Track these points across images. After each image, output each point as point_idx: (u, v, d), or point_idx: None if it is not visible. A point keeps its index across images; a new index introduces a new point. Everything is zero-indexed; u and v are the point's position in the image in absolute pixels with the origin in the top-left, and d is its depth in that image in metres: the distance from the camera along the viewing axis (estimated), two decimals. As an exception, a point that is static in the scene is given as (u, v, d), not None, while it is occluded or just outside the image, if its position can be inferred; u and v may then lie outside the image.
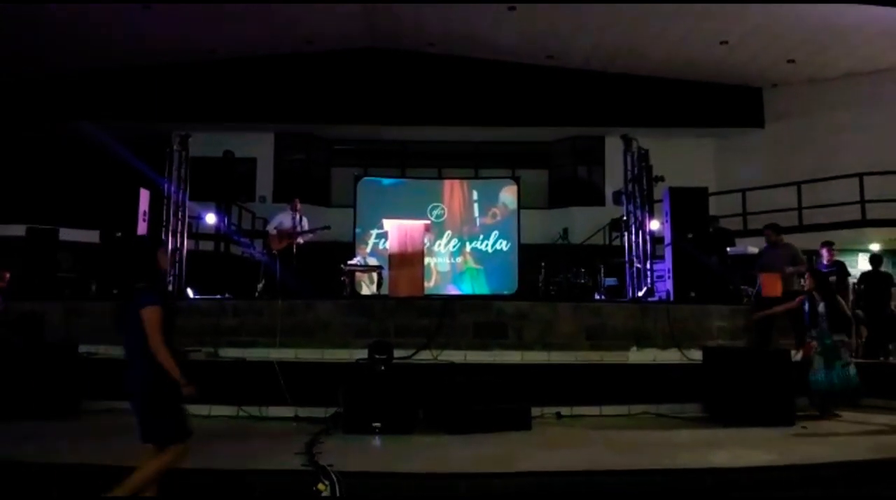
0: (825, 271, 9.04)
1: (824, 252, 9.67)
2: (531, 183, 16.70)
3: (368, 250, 13.97)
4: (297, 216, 10.38)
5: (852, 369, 6.99)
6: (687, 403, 7.39)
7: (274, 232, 10.38)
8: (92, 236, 11.46)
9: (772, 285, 8.40)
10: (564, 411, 7.18)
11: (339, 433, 6.23)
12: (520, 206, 14.77)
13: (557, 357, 7.77)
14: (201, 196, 11.44)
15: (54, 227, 10.96)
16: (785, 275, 8.40)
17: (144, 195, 9.85)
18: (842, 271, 9.99)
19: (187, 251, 10.36)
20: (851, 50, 13.88)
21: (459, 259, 14.50)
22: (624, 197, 10.81)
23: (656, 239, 10.50)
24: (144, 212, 9.79)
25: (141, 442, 3.93)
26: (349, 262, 11.14)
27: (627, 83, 16.23)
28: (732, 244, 10.77)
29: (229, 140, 14.09)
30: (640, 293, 9.89)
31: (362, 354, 6.99)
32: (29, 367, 6.82)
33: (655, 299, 9.71)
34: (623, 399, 7.35)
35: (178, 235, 10.12)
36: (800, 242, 13.42)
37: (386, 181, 15.35)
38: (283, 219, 10.45)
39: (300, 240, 10.30)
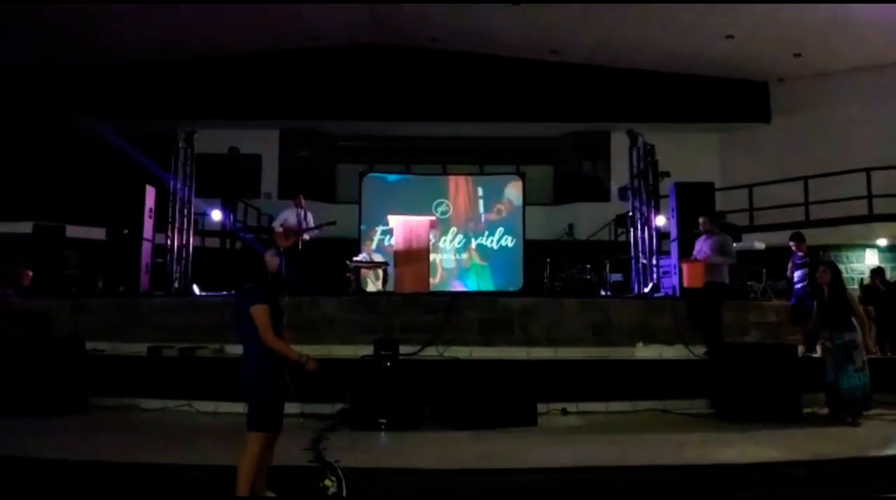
0: (799, 262, 8.69)
1: (793, 245, 8.95)
2: (536, 179, 16.66)
3: (374, 246, 13.96)
4: (303, 213, 10.39)
5: (865, 376, 6.69)
6: (693, 399, 7.38)
7: (280, 229, 10.39)
8: (98, 234, 11.53)
9: (693, 274, 8.10)
10: (570, 407, 7.17)
11: (346, 430, 6.24)
12: (525, 202, 14.73)
13: (563, 353, 7.76)
14: (207, 193, 11.46)
15: (61, 224, 11.01)
16: (708, 264, 8.02)
17: (150, 192, 9.88)
18: (815, 263, 9.57)
19: (193, 248, 10.39)
20: (858, 44, 13.77)
21: (465, 255, 14.48)
22: (629, 192, 10.78)
23: (662, 235, 10.48)
24: (150, 209, 9.83)
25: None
26: (354, 258, 11.14)
27: (632, 78, 16.15)
28: (739, 240, 10.72)
29: (234, 137, 14.07)
30: (646, 289, 9.88)
31: (368, 350, 7.00)
32: (35, 363, 6.85)
33: (661, 295, 9.69)
34: (629, 395, 7.33)
35: (184, 232, 10.16)
36: (808, 237, 13.45)
37: (391, 178, 15.33)
38: (289, 216, 10.46)
39: (306, 236, 10.31)
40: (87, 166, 15.00)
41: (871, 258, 14.10)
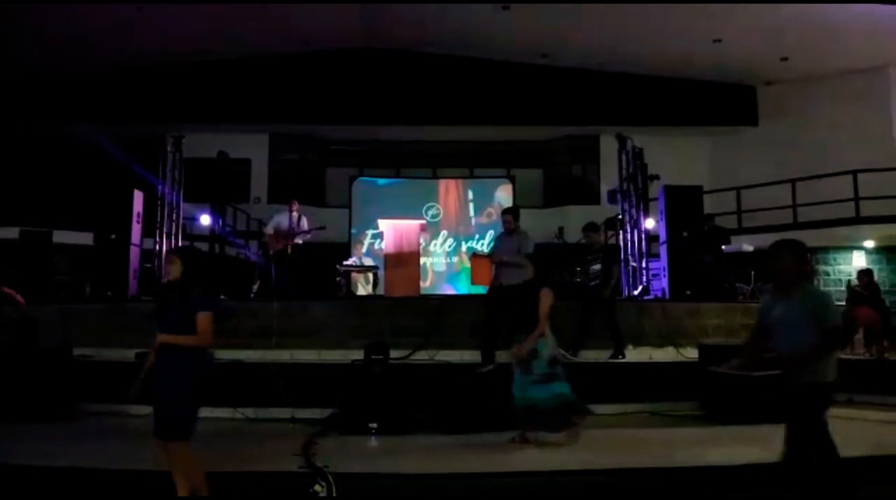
0: (591, 257, 8.34)
1: (585, 237, 8.41)
2: (526, 182, 16.70)
3: (364, 250, 13.91)
4: (296, 217, 10.36)
5: (557, 387, 5.77)
6: (683, 401, 7.39)
7: (272, 233, 10.35)
8: (86, 239, 11.43)
9: (480, 271, 7.74)
10: (561, 410, 7.17)
11: (336, 435, 6.21)
12: (515, 205, 14.75)
13: (554, 356, 7.75)
14: (196, 197, 11.42)
15: (48, 229, 10.91)
16: (498, 261, 7.30)
17: (138, 197, 9.82)
18: (612, 256, 8.64)
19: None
20: (845, 48, 13.92)
21: (455, 259, 14.49)
22: (619, 196, 10.83)
23: (651, 237, 10.53)
24: (138, 213, 9.77)
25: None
26: (345, 262, 11.12)
27: (622, 82, 16.24)
28: (728, 242, 10.80)
29: (223, 141, 14.01)
30: (636, 292, 9.91)
31: (358, 355, 6.98)
32: (23, 370, 6.78)
33: (651, 297, 9.73)
34: (619, 398, 7.34)
35: (173, 237, 10.10)
36: (796, 239, 13.55)
37: (381, 181, 15.33)
38: (281, 220, 10.42)
39: (298, 240, 10.28)
40: (74, 171, 14.89)
41: (859, 260, 14.23)
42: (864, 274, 10.70)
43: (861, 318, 9.38)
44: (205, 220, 11.92)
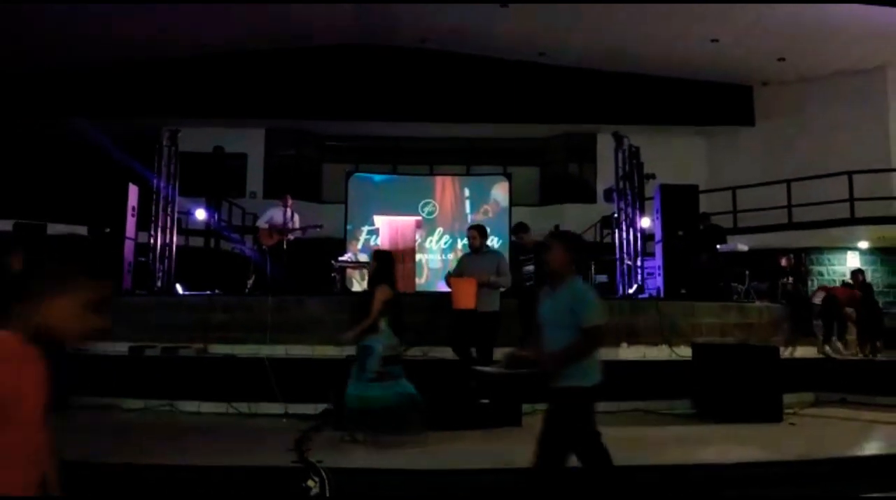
0: (523, 258, 8.26)
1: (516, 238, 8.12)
2: (523, 180, 16.69)
3: (360, 246, 13.88)
4: (289, 212, 10.34)
5: (395, 386, 5.66)
6: (676, 399, 7.42)
7: (265, 226, 10.32)
8: (80, 232, 11.38)
9: (465, 293, 6.77)
10: (555, 407, 7.17)
11: (330, 430, 6.21)
12: (511, 202, 14.73)
13: (548, 354, 7.75)
14: (191, 192, 11.37)
15: (42, 222, 10.87)
16: (484, 283, 6.80)
17: (133, 191, 9.77)
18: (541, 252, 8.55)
19: (177, 247, 10.30)
20: (841, 49, 13.95)
21: (451, 256, 14.46)
22: (615, 194, 10.83)
23: (647, 236, 10.54)
24: (133, 207, 9.72)
25: None
26: (340, 258, 11.10)
27: (619, 81, 16.25)
28: (724, 242, 10.82)
29: (220, 135, 13.99)
30: (631, 290, 9.92)
31: (353, 350, 6.96)
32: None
33: (645, 295, 9.74)
34: (613, 396, 7.29)
35: (168, 231, 10.07)
36: (790, 239, 13.61)
37: (377, 178, 15.28)
38: (275, 214, 10.40)
39: (290, 237, 10.26)
40: (69, 164, 14.82)
41: (853, 260, 14.27)
42: (858, 274, 10.76)
43: (841, 297, 9.40)
44: (200, 214, 11.89)
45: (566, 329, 3.47)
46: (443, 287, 13.93)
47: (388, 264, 6.17)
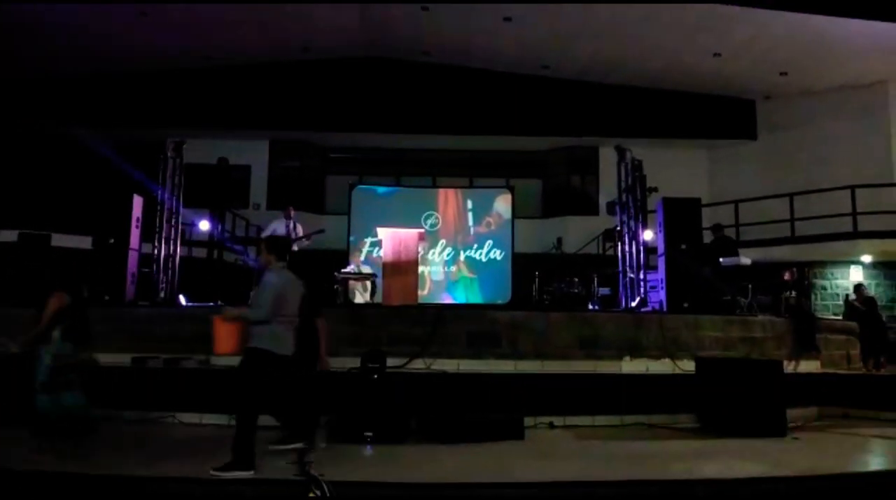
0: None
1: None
2: (525, 192, 16.74)
3: (362, 258, 13.95)
4: (291, 223, 10.37)
5: (64, 398, 5.56)
6: (679, 413, 7.40)
7: (269, 240, 10.34)
8: (84, 243, 11.42)
9: (225, 335, 6.08)
10: (557, 421, 7.17)
11: (331, 443, 6.19)
12: (514, 215, 14.81)
13: (551, 367, 7.76)
14: (195, 203, 11.41)
15: (47, 232, 10.90)
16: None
17: (138, 202, 9.83)
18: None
19: (180, 258, 10.33)
20: (843, 63, 13.99)
21: (453, 268, 14.51)
22: (618, 207, 10.85)
23: (650, 249, 10.54)
24: (138, 218, 9.77)
25: None
26: (343, 270, 11.12)
27: (622, 94, 16.31)
28: (736, 254, 10.81)
29: (224, 147, 14.07)
30: (634, 303, 9.92)
31: (355, 363, 6.97)
32: (16, 372, 6.73)
33: (649, 309, 9.73)
34: (616, 410, 7.34)
35: (171, 242, 10.10)
36: (793, 253, 13.60)
37: (380, 189, 15.36)
38: (278, 226, 10.44)
39: (295, 247, 10.28)
40: (73, 175, 14.90)
41: (856, 275, 14.25)
42: (861, 288, 10.75)
43: None
44: (204, 225, 11.93)
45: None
46: (446, 299, 14.01)
47: (68, 270, 6.18)
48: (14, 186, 14.16)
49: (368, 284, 11.17)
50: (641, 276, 10.10)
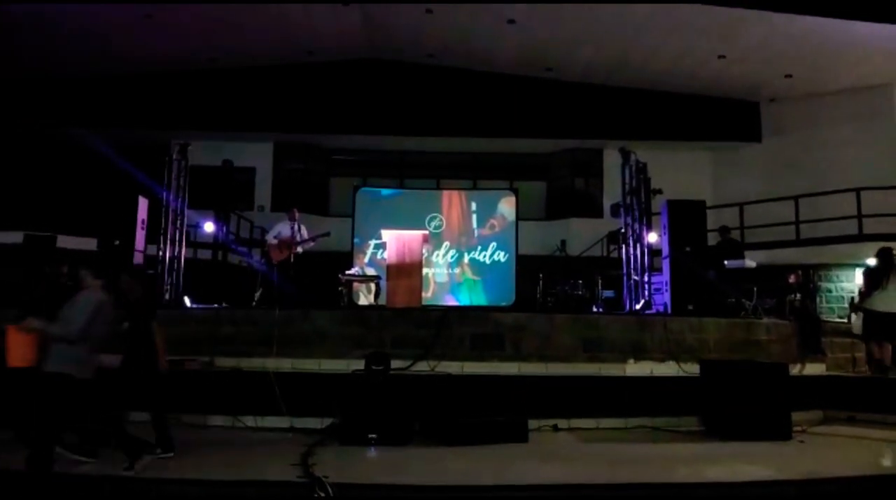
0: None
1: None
2: (529, 194, 16.72)
3: (366, 260, 13.97)
4: (296, 225, 10.39)
5: None
6: (684, 416, 7.38)
7: (274, 242, 10.37)
8: (90, 244, 11.46)
9: (20, 345, 5.61)
10: (562, 423, 7.16)
11: (335, 445, 6.20)
12: (518, 217, 14.79)
13: (555, 369, 7.75)
14: (200, 205, 11.44)
15: (52, 234, 10.94)
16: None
17: (143, 203, 9.86)
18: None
19: (185, 260, 10.36)
20: (848, 66, 13.96)
21: (457, 270, 14.50)
22: (622, 209, 10.83)
23: (654, 251, 10.52)
24: (143, 220, 9.80)
25: None
26: (347, 272, 11.14)
27: (626, 96, 16.29)
28: (742, 256, 10.79)
29: (228, 149, 14.11)
30: (638, 306, 9.90)
31: (359, 365, 6.97)
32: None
33: (653, 311, 9.71)
34: (620, 412, 7.33)
35: (176, 244, 10.12)
36: (798, 256, 13.56)
37: (385, 192, 15.37)
38: (282, 229, 10.45)
39: (300, 249, 10.30)
40: (79, 176, 14.95)
41: (861, 278, 14.18)
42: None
43: None
44: (208, 227, 11.96)
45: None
46: (450, 301, 14.01)
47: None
48: (20, 187, 14.22)
49: (372, 286, 11.18)
50: (646, 278, 10.08)
